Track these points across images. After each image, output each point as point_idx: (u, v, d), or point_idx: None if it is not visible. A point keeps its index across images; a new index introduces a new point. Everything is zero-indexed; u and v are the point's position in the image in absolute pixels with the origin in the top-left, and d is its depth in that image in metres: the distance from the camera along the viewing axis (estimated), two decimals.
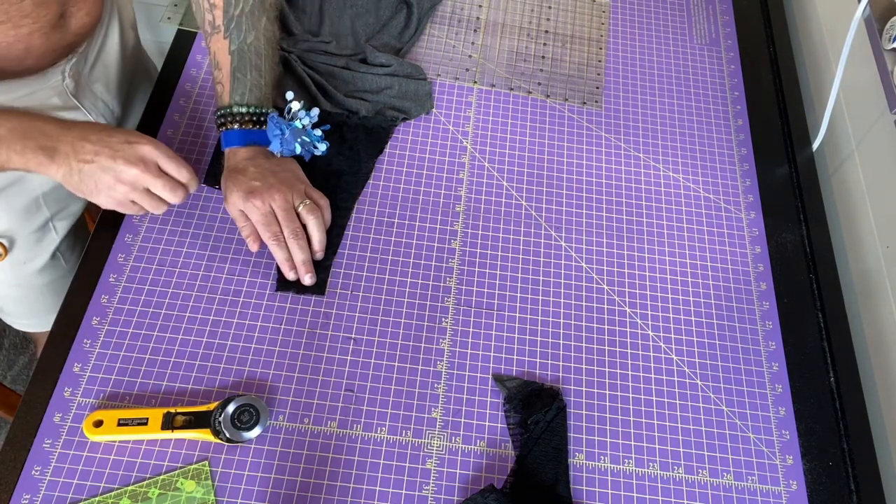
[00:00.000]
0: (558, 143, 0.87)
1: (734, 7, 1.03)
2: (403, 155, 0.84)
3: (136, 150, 0.65)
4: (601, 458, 0.68)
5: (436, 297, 0.74)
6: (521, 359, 0.72)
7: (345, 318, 0.72)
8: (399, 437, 0.67)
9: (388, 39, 0.89)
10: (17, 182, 0.77)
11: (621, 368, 0.72)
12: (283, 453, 0.65)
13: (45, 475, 0.62)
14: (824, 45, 0.94)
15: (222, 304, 0.71)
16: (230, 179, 0.71)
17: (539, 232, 0.80)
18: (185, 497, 0.62)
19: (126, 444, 0.63)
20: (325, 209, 0.74)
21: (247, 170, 0.71)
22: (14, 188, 0.78)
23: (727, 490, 0.67)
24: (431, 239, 0.78)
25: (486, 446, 0.67)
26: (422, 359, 0.71)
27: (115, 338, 0.69)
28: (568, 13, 1.00)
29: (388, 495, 0.64)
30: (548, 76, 0.93)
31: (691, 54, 0.97)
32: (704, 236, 0.82)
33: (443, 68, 0.91)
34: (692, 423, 0.70)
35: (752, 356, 0.75)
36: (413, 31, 0.91)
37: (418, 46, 0.93)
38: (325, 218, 0.73)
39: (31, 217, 0.81)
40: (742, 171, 0.87)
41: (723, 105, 0.93)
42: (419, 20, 0.92)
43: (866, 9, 0.80)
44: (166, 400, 0.66)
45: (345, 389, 0.69)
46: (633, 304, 0.76)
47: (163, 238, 0.74)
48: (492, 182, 0.83)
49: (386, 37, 0.89)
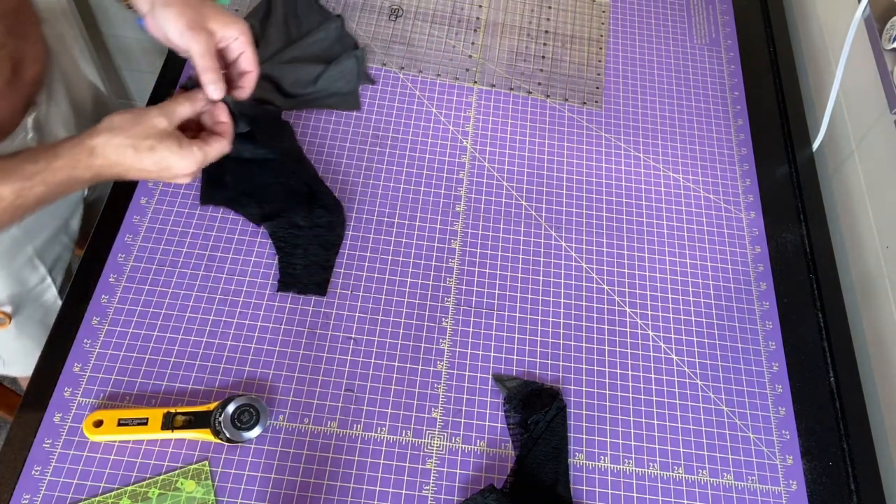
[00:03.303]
0: (558, 143, 0.87)
1: (734, 7, 1.03)
2: (403, 155, 0.84)
3: (172, 173, 0.63)
4: (601, 458, 0.68)
5: (436, 297, 0.74)
6: (521, 359, 0.72)
7: (345, 318, 0.72)
8: (399, 437, 0.67)
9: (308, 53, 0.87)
10: (12, 244, 0.77)
11: (621, 368, 0.72)
12: (283, 453, 0.65)
13: (45, 475, 0.62)
14: (824, 45, 0.94)
15: (222, 304, 0.71)
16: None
17: (539, 232, 0.80)
18: (185, 497, 0.62)
19: (126, 444, 0.63)
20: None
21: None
22: (11, 251, 0.77)
23: (727, 490, 0.67)
24: (431, 239, 0.78)
25: (486, 446, 0.67)
26: (422, 359, 0.71)
27: (115, 338, 0.69)
28: (568, 13, 1.00)
29: (388, 495, 0.64)
30: (548, 76, 0.93)
31: (691, 54, 0.97)
32: (704, 236, 0.82)
33: (443, 68, 0.91)
34: (692, 423, 0.70)
35: (752, 356, 0.75)
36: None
37: (418, 46, 0.93)
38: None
39: (29, 276, 0.82)
40: (742, 171, 0.87)
41: (723, 105, 0.93)
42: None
43: (866, 9, 0.80)
44: (166, 400, 0.66)
45: (345, 389, 0.69)
46: (633, 304, 0.76)
47: (163, 238, 0.74)
48: (492, 182, 0.83)
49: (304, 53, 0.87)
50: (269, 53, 0.85)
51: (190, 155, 0.62)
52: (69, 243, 0.88)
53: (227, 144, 0.65)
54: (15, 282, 0.80)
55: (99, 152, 0.60)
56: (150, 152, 0.60)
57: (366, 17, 0.95)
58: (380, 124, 0.86)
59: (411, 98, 0.88)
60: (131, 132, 0.60)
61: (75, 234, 0.89)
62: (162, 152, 0.61)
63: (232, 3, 0.92)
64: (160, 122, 0.62)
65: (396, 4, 0.97)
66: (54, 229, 0.84)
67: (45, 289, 0.85)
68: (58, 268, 0.86)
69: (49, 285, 0.85)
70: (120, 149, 0.60)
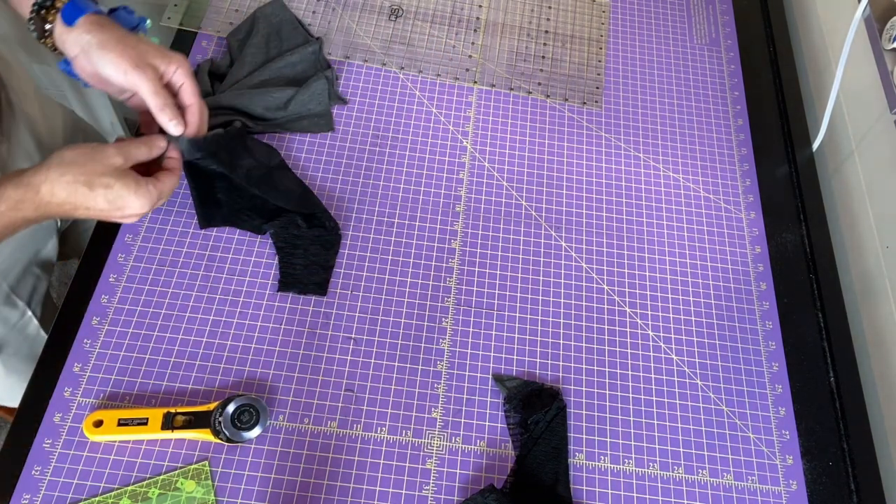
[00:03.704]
0: (558, 143, 0.87)
1: (734, 7, 1.03)
2: (403, 155, 0.84)
3: (125, 213, 0.61)
4: (601, 458, 0.68)
5: (436, 297, 0.74)
6: (521, 359, 0.72)
7: (345, 318, 0.72)
8: (399, 437, 0.67)
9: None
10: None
11: (621, 368, 0.72)
12: (283, 453, 0.65)
13: (45, 475, 0.62)
14: (824, 45, 0.94)
15: (222, 304, 0.71)
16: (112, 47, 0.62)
17: (539, 232, 0.80)
18: (185, 497, 0.62)
19: (126, 444, 0.63)
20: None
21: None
22: None
23: (727, 490, 0.67)
24: (431, 239, 0.78)
25: (486, 446, 0.67)
26: (422, 359, 0.71)
27: (115, 338, 0.69)
28: (568, 13, 1.00)
29: (388, 495, 0.64)
30: (548, 76, 0.93)
31: (691, 54, 0.97)
32: (704, 236, 0.82)
33: (443, 68, 0.91)
34: (692, 423, 0.70)
35: (752, 356, 0.75)
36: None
37: (418, 46, 0.93)
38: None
39: (9, 314, 0.81)
40: (742, 171, 0.87)
41: (723, 105, 0.93)
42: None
43: (866, 9, 0.80)
44: (166, 400, 0.66)
45: (345, 389, 0.69)
46: (633, 304, 0.76)
47: (163, 238, 0.74)
48: (492, 182, 0.83)
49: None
50: (243, 74, 0.83)
51: (146, 194, 0.61)
52: (42, 274, 0.86)
53: (177, 179, 0.65)
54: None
55: (46, 189, 0.57)
56: (105, 189, 0.59)
57: (366, 17, 0.95)
58: (380, 124, 0.86)
59: (411, 98, 0.88)
60: (86, 168, 0.58)
61: (50, 262, 0.87)
62: (119, 190, 0.59)
63: (210, 23, 0.92)
64: (116, 159, 0.59)
65: (396, 4, 0.97)
66: (26, 263, 0.82)
67: (26, 322, 0.84)
68: (35, 300, 0.84)
69: (30, 318, 0.84)
70: (72, 186, 0.58)
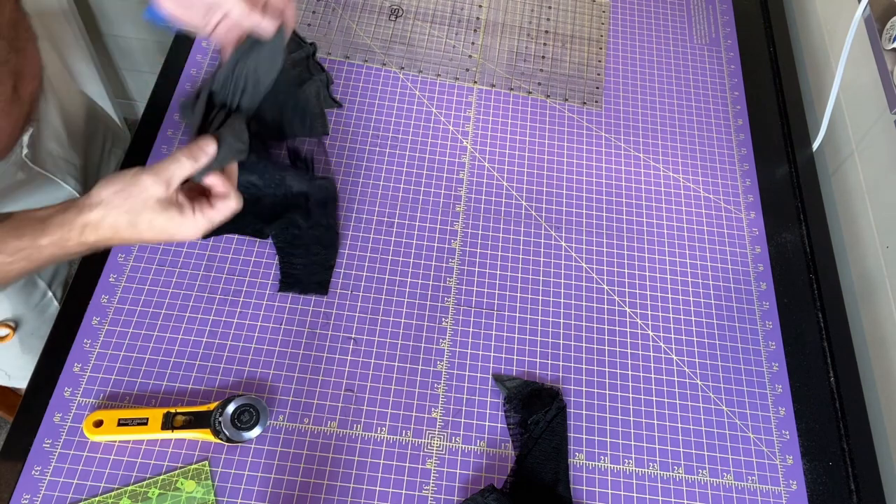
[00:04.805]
0: (558, 143, 0.87)
1: (734, 7, 1.03)
2: (403, 155, 0.84)
3: (176, 240, 0.60)
4: (601, 458, 0.68)
5: (436, 297, 0.74)
6: (521, 359, 0.72)
7: (345, 318, 0.72)
8: (399, 437, 0.67)
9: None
10: None
11: (621, 368, 0.72)
12: (283, 453, 0.65)
13: (45, 475, 0.62)
14: (824, 45, 0.94)
15: (222, 304, 0.71)
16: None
17: (539, 232, 0.80)
18: (185, 497, 0.62)
19: (126, 444, 0.63)
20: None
21: None
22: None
23: (727, 490, 0.67)
24: (431, 239, 0.78)
25: (486, 446, 0.67)
26: (422, 359, 0.71)
27: (115, 338, 0.69)
28: (568, 13, 1.00)
29: (388, 495, 0.64)
30: (548, 76, 0.93)
31: (691, 54, 0.97)
32: (704, 236, 0.82)
33: (443, 68, 0.91)
34: (692, 423, 0.70)
35: (752, 356, 0.75)
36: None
37: (418, 46, 0.93)
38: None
39: (31, 293, 0.82)
40: (742, 171, 0.87)
41: (723, 105, 0.93)
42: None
43: (866, 9, 0.80)
44: (166, 400, 0.66)
45: (345, 389, 0.69)
46: (633, 304, 0.76)
47: None
48: (492, 182, 0.83)
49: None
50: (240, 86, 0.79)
51: (192, 224, 0.57)
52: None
53: (235, 202, 0.59)
54: (17, 299, 0.80)
55: (91, 231, 0.55)
56: (149, 226, 0.56)
57: (366, 17, 0.95)
58: (380, 124, 0.86)
59: (411, 98, 0.88)
60: (125, 207, 0.55)
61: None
62: (162, 224, 0.56)
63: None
64: (156, 190, 0.55)
65: (396, 4, 0.97)
66: None
67: (47, 303, 0.85)
68: (56, 282, 0.85)
69: (50, 300, 0.85)
70: (113, 228, 0.56)
